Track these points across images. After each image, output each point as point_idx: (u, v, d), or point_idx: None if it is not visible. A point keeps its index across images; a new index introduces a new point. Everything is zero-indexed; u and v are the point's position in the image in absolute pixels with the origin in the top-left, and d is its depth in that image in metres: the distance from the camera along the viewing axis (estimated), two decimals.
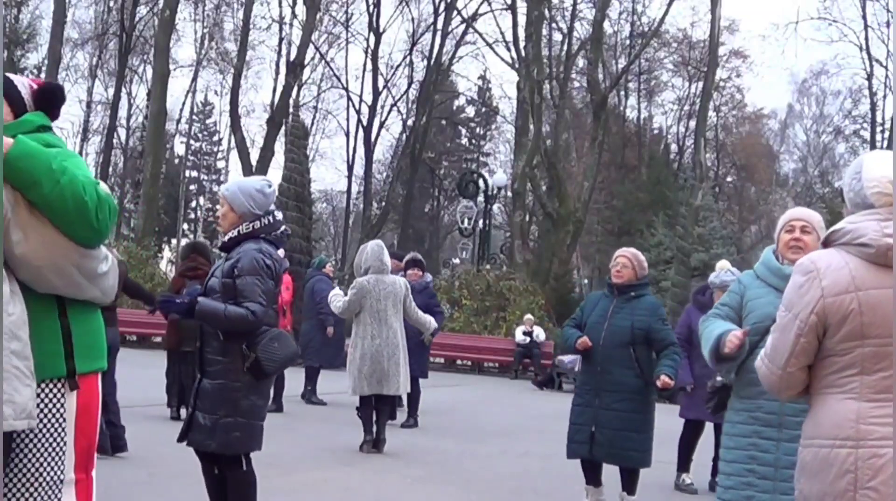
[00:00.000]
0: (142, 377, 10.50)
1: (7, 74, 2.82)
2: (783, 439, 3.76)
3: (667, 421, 8.04)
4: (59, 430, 2.57)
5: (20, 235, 2.43)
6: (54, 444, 2.57)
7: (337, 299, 8.36)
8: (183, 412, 8.70)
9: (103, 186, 2.60)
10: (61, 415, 2.58)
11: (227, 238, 4.52)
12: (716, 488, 7.51)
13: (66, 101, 2.94)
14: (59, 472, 2.57)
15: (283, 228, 4.67)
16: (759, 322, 3.80)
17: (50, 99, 2.85)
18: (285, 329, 6.81)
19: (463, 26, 37.20)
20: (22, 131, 2.67)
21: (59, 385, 2.58)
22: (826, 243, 2.60)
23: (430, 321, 8.70)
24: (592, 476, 6.25)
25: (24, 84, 2.86)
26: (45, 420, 2.56)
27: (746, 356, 3.82)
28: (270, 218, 4.52)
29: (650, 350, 6.06)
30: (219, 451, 4.43)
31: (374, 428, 8.17)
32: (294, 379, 11.83)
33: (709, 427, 7.73)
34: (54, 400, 2.58)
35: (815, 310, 2.48)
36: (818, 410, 2.54)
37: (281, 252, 7.64)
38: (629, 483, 6.22)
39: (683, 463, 7.72)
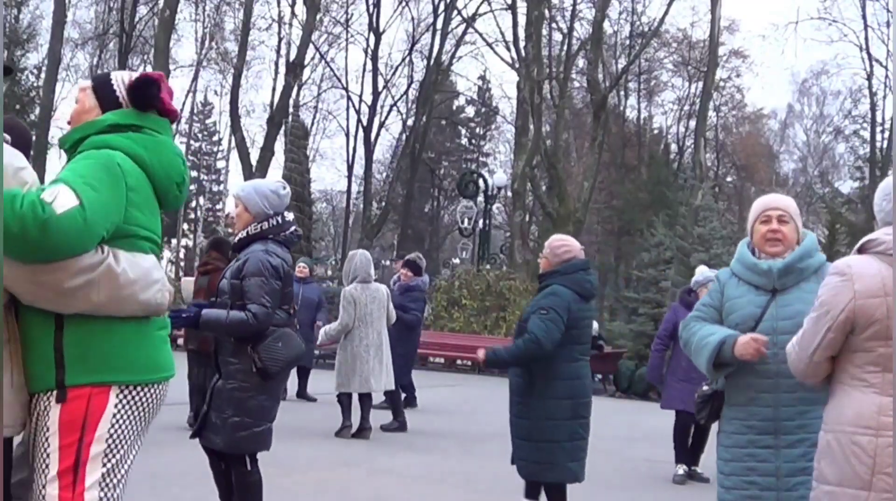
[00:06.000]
0: None
1: (109, 71, 2.81)
2: (781, 445, 3.49)
3: (655, 420, 8.10)
4: (45, 443, 2.49)
5: None
6: (40, 457, 2.49)
7: (330, 329, 9.11)
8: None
9: (63, 201, 2.35)
10: (47, 428, 2.49)
11: (237, 239, 4.58)
12: (693, 475, 7.82)
13: (160, 89, 2.75)
14: (39, 484, 2.48)
15: (293, 229, 4.68)
16: (742, 323, 3.59)
17: (139, 93, 2.75)
18: None
19: (463, 26, 37.20)
20: (93, 132, 2.67)
21: (48, 398, 2.51)
22: (861, 250, 2.83)
23: (390, 322, 9.29)
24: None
25: (120, 80, 2.79)
26: (37, 433, 2.51)
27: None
28: (279, 218, 4.56)
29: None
30: (225, 450, 4.51)
31: (360, 417, 8.90)
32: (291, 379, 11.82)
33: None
34: (43, 413, 2.51)
35: (846, 309, 2.72)
36: (842, 399, 2.79)
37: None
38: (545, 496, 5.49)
39: (680, 455, 7.90)
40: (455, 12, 36.30)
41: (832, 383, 2.86)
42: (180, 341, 9.64)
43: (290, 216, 4.68)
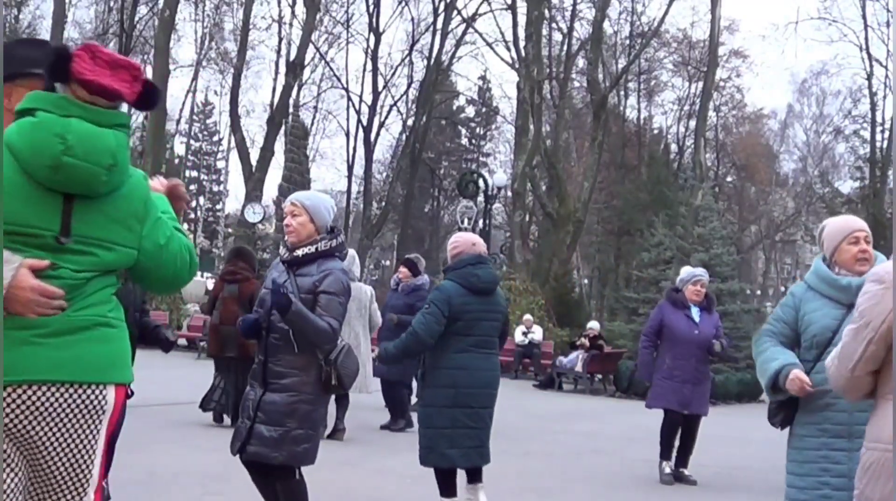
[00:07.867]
0: (144, 379, 10.49)
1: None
2: (854, 448, 3.51)
3: (655, 420, 8.12)
4: None
5: None
6: None
7: None
8: (224, 418, 9.07)
9: None
10: None
11: (301, 253, 4.44)
12: (681, 477, 7.81)
13: (56, 54, 2.47)
14: None
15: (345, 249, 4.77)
16: (819, 335, 3.80)
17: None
18: None
19: (463, 26, 37.21)
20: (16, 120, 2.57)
21: None
22: None
23: (377, 325, 9.37)
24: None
25: None
26: None
27: (809, 371, 3.81)
28: (342, 237, 4.60)
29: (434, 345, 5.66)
30: (286, 463, 4.41)
31: (335, 417, 8.70)
32: None
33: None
34: None
35: (888, 319, 2.58)
36: (885, 413, 2.63)
37: None
38: None
39: (664, 452, 7.97)
40: (455, 12, 36.32)
41: (876, 397, 2.72)
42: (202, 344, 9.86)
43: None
